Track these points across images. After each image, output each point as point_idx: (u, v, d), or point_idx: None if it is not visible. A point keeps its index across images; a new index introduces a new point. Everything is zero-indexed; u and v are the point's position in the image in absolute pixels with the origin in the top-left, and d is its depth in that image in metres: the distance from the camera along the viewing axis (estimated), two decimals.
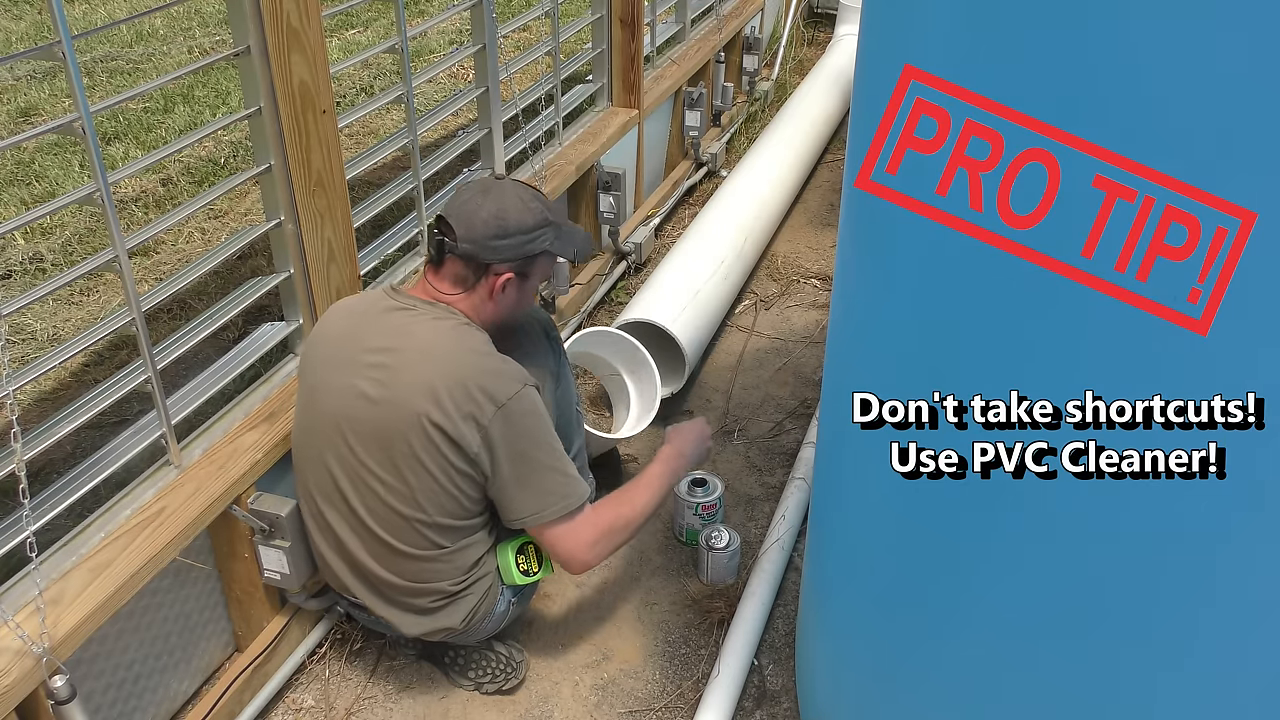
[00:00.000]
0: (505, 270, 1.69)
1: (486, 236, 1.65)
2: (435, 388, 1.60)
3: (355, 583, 1.76)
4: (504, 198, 1.68)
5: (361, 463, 1.66)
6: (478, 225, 1.65)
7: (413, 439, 1.61)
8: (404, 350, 1.64)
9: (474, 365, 1.63)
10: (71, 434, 1.51)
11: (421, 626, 1.76)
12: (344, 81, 4.44)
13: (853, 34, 4.40)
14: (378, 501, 1.67)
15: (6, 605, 1.42)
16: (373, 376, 1.64)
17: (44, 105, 4.22)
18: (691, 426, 2.01)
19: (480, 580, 1.76)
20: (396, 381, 1.62)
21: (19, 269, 3.01)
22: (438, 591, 1.73)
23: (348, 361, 1.68)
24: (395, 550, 1.69)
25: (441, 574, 1.72)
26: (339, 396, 1.67)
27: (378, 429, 1.63)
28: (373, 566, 1.72)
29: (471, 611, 1.75)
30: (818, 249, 3.46)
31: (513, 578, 1.76)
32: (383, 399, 1.63)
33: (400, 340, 1.65)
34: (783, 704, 1.89)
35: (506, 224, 1.66)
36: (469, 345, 1.66)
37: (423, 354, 1.63)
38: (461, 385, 1.60)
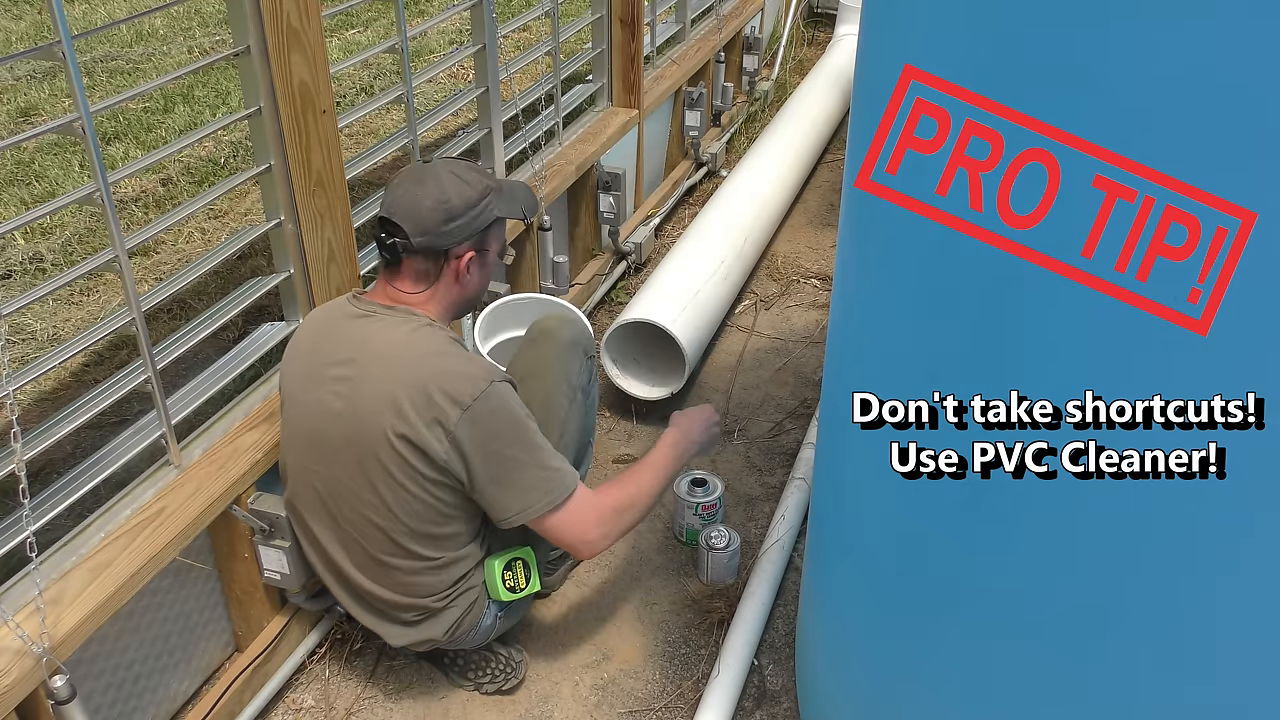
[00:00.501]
0: (464, 250, 1.67)
1: (437, 225, 1.62)
2: (396, 396, 1.55)
3: (341, 593, 1.77)
4: (441, 180, 1.64)
5: (335, 477, 1.64)
6: (425, 217, 1.61)
7: (380, 452, 1.58)
8: (363, 361, 1.60)
9: (434, 368, 1.57)
10: (71, 434, 1.51)
11: (407, 638, 1.75)
12: (344, 81, 4.44)
13: (853, 34, 4.40)
14: (357, 515, 1.65)
15: (6, 605, 1.42)
16: (336, 390, 1.61)
17: (44, 105, 4.22)
18: (698, 412, 1.96)
19: (465, 594, 1.73)
20: (358, 394, 1.59)
21: (19, 269, 3.01)
22: (421, 607, 1.71)
23: (314, 376, 1.65)
24: (380, 562, 1.67)
25: (429, 587, 1.70)
26: (309, 412, 1.65)
27: (347, 443, 1.61)
28: (358, 579, 1.71)
29: (455, 624, 1.73)
30: (818, 249, 3.46)
31: (499, 594, 1.72)
32: (346, 413, 1.60)
33: (359, 350, 1.62)
34: (783, 704, 1.89)
35: (452, 205, 1.62)
36: (429, 348, 1.61)
37: (382, 362, 1.59)
38: (422, 391, 1.55)
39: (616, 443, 2.55)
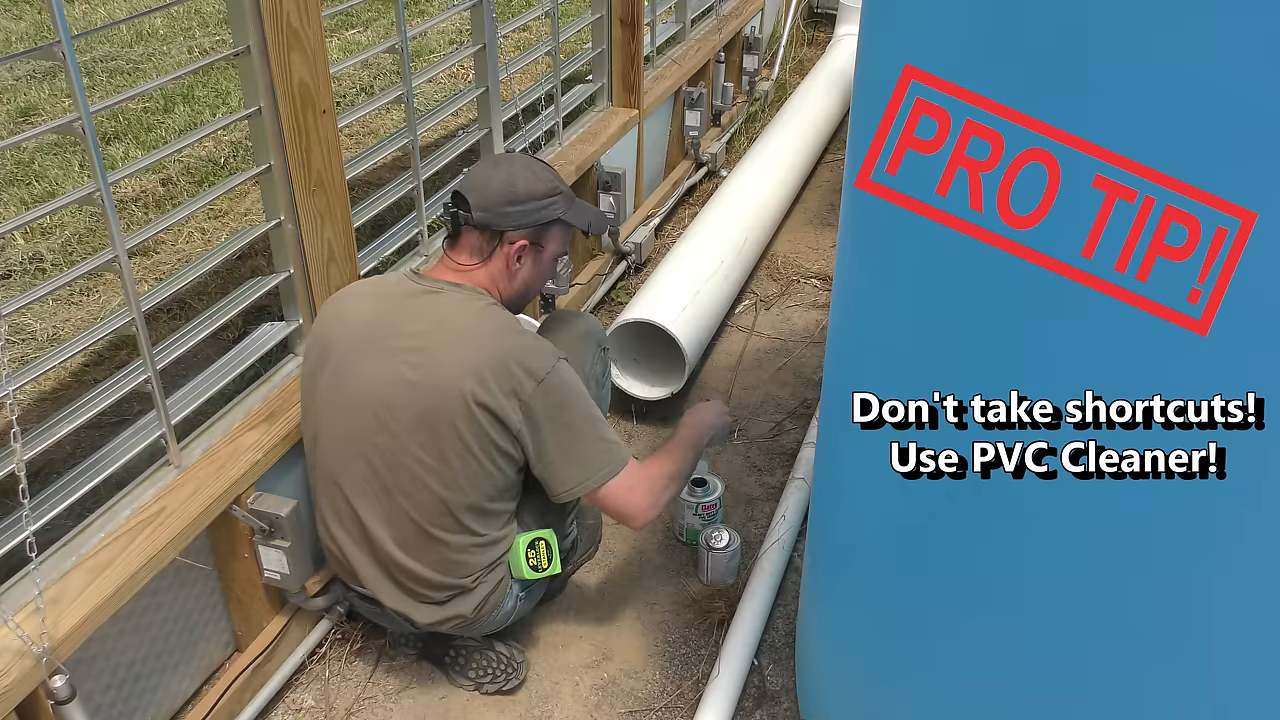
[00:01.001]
0: (519, 238, 1.74)
1: (498, 203, 1.71)
2: (477, 366, 1.62)
3: (375, 575, 1.76)
4: (514, 167, 1.75)
5: (403, 448, 1.66)
6: (490, 194, 1.71)
7: (457, 419, 1.63)
8: (439, 333, 1.67)
9: (509, 343, 1.66)
10: (71, 434, 1.51)
11: (435, 615, 1.77)
12: (344, 81, 4.44)
13: (853, 34, 4.40)
14: (418, 486, 1.68)
15: (6, 605, 1.42)
16: (410, 360, 1.65)
17: (44, 105, 4.22)
18: (709, 405, 2.06)
19: (494, 572, 1.78)
20: (436, 363, 1.64)
21: (19, 269, 3.01)
22: (456, 586, 1.75)
23: (379, 347, 1.69)
24: (429, 537, 1.70)
25: (469, 566, 1.74)
26: (376, 383, 1.68)
27: (421, 411, 1.65)
28: (397, 555, 1.72)
29: (483, 601, 1.77)
30: (818, 249, 3.46)
31: (522, 572, 1.77)
32: (424, 382, 1.64)
33: (433, 323, 1.68)
34: (783, 704, 1.89)
35: (517, 190, 1.72)
36: (501, 324, 1.70)
37: (458, 335, 1.67)
38: (501, 363, 1.63)
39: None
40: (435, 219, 2.32)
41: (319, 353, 1.75)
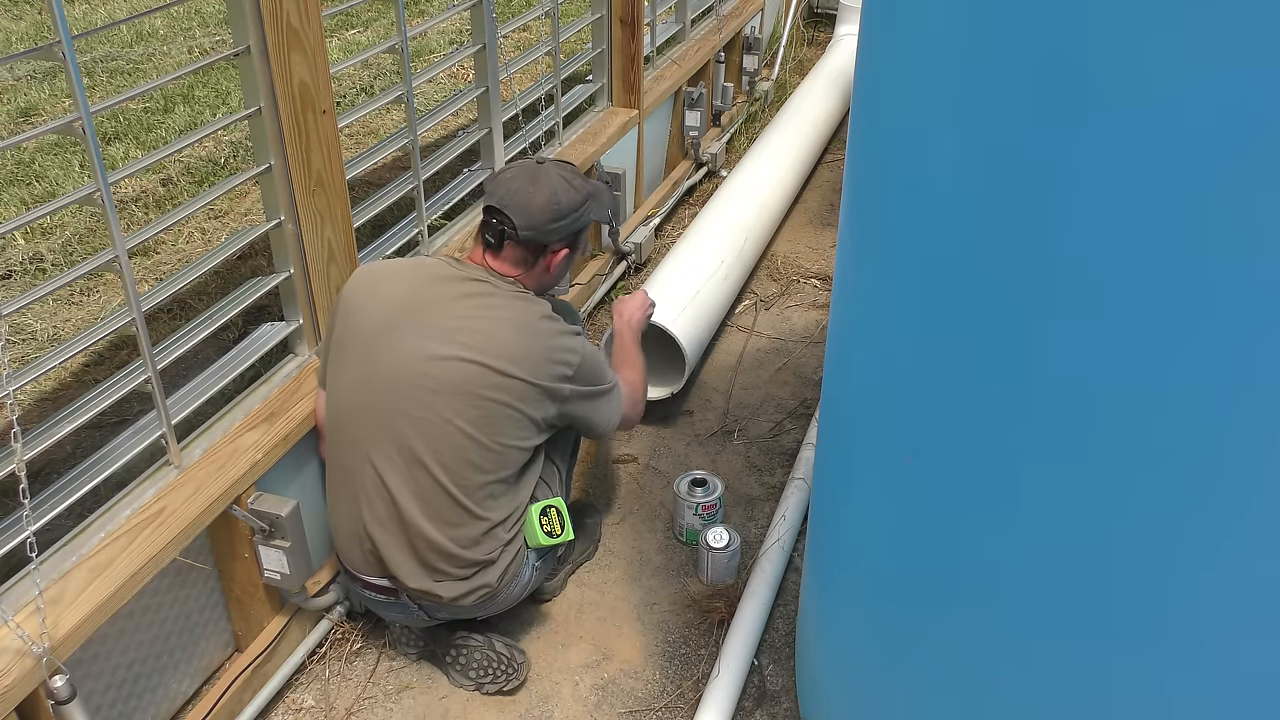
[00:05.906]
0: (560, 247, 1.84)
1: (545, 222, 1.78)
2: (529, 351, 1.74)
3: (400, 555, 1.77)
4: (552, 182, 1.81)
5: (445, 419, 1.71)
6: (535, 214, 1.78)
7: (508, 395, 1.72)
8: (492, 318, 1.76)
9: (552, 335, 1.79)
10: (71, 434, 1.51)
11: (460, 589, 1.80)
12: (344, 81, 4.44)
13: (853, 34, 4.40)
14: (458, 458, 1.72)
15: (6, 605, 1.42)
16: (462, 340, 1.72)
17: (44, 105, 4.22)
18: (630, 299, 2.24)
19: (512, 543, 1.84)
20: (489, 344, 1.72)
21: (19, 269, 3.01)
22: (480, 561, 1.79)
23: (428, 325, 1.74)
24: (466, 511, 1.74)
25: (495, 540, 1.79)
26: (417, 356, 1.72)
27: (475, 387, 1.71)
28: (428, 530, 1.74)
29: (504, 570, 1.83)
30: (818, 249, 3.46)
31: (537, 539, 1.83)
32: (480, 360, 1.71)
33: (486, 309, 1.77)
34: (783, 704, 1.89)
35: (561, 208, 1.80)
36: (543, 314, 1.81)
37: (510, 323, 1.76)
38: (546, 351, 1.76)
39: (616, 442, 2.55)
40: (435, 219, 2.33)
41: (355, 328, 1.78)
